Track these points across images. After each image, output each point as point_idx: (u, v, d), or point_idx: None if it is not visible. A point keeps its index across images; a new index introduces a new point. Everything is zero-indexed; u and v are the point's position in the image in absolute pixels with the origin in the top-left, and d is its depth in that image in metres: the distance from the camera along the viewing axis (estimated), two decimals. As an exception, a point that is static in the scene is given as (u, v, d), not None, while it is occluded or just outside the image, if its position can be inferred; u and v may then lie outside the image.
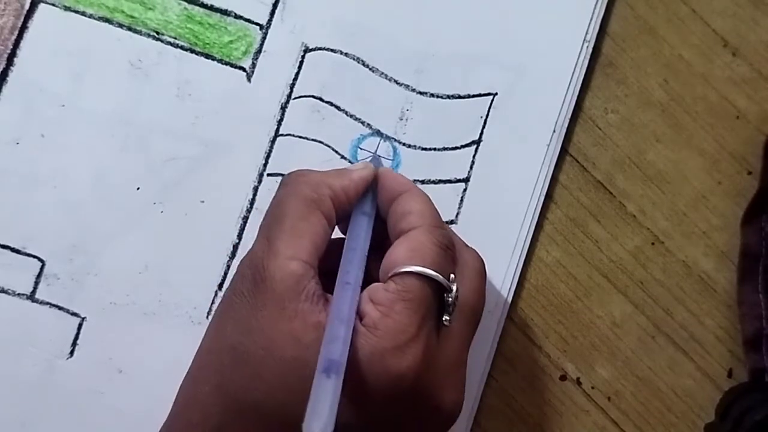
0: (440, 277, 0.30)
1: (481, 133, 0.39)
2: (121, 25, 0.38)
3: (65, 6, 0.38)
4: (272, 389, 0.29)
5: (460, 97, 0.39)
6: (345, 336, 0.28)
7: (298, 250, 0.30)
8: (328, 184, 0.32)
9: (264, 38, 0.39)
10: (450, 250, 0.32)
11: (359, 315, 0.30)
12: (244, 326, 0.30)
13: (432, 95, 0.39)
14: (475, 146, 0.39)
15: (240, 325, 0.30)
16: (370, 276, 0.32)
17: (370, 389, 0.29)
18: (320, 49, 0.39)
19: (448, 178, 0.39)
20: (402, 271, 0.30)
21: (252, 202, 0.38)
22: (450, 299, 0.31)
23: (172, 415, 0.32)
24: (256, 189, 0.38)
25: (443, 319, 0.31)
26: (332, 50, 0.39)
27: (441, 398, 0.31)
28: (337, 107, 0.39)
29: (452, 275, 0.31)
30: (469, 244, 0.34)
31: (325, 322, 0.29)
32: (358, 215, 0.33)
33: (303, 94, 0.39)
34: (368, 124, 0.39)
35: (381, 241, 0.33)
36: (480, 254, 0.34)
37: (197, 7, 0.39)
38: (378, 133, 0.39)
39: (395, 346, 0.29)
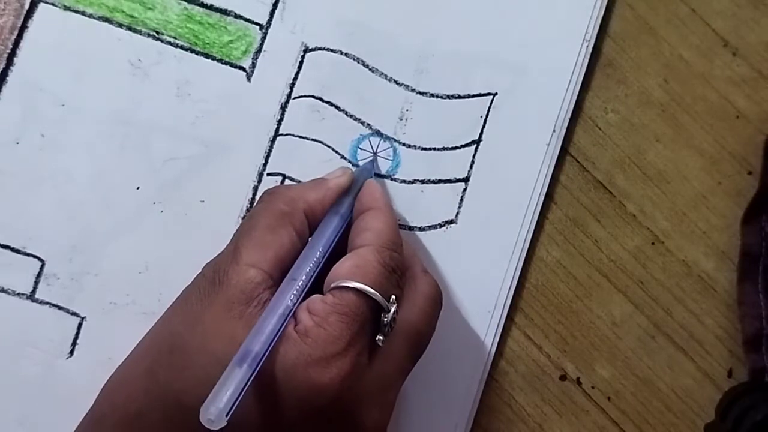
0: (378, 296, 0.30)
1: (481, 133, 0.39)
2: (121, 25, 0.38)
3: (65, 6, 0.38)
4: (197, 383, 0.29)
5: (460, 97, 0.39)
6: (271, 330, 0.28)
7: (259, 259, 0.31)
8: (304, 198, 0.33)
9: (264, 38, 0.39)
10: (395, 273, 0.32)
11: (295, 321, 0.30)
12: (189, 319, 0.30)
13: (432, 95, 0.39)
14: (475, 146, 0.39)
15: (186, 317, 0.31)
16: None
17: (285, 395, 0.29)
18: (320, 49, 0.39)
19: (448, 178, 0.39)
20: (342, 285, 0.30)
21: (252, 202, 0.38)
22: (386, 320, 0.31)
23: (101, 395, 0.32)
24: (255, 189, 0.38)
25: (377, 338, 0.31)
26: (332, 50, 0.39)
27: (361, 418, 0.30)
28: (337, 107, 0.39)
29: (393, 297, 0.31)
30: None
31: None
32: (330, 214, 0.34)
33: (303, 94, 0.39)
34: (368, 124, 0.39)
35: (344, 250, 0.33)
36: (437, 283, 0.34)
37: (197, 7, 0.39)
38: (378, 133, 0.39)
39: (322, 357, 0.29)
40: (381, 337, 0.31)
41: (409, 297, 0.33)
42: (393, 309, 0.31)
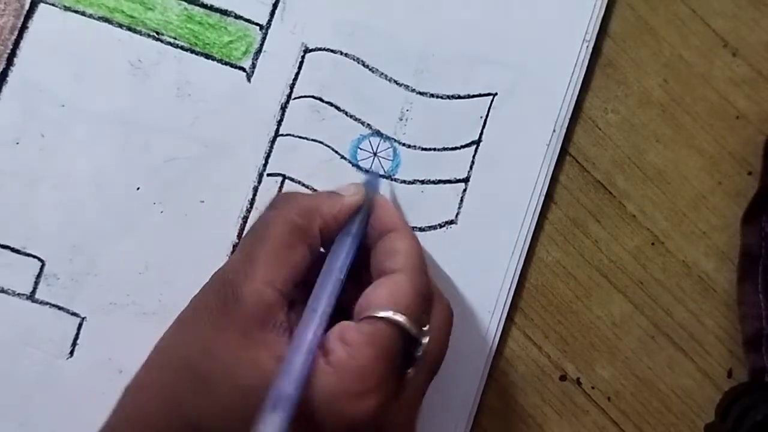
0: (414, 331, 0.30)
1: (481, 133, 0.39)
2: (121, 25, 0.38)
3: (65, 6, 0.38)
4: (225, 415, 0.28)
5: (460, 97, 0.39)
6: (300, 369, 0.28)
7: (275, 277, 0.30)
8: (319, 212, 0.32)
9: (264, 38, 0.39)
10: (428, 300, 0.31)
11: (326, 350, 0.29)
12: (204, 343, 0.29)
13: (432, 95, 0.39)
14: (475, 146, 0.39)
15: (200, 341, 0.30)
16: (346, 298, 0.31)
17: (322, 428, 0.28)
18: (320, 49, 0.39)
19: (448, 178, 0.39)
20: (377, 315, 0.29)
21: (252, 202, 0.38)
22: (418, 354, 0.30)
23: (116, 416, 0.31)
24: (255, 189, 0.38)
25: (407, 371, 0.30)
26: (332, 50, 0.39)
27: None
28: (337, 107, 0.39)
29: (425, 327, 0.31)
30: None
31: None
32: (343, 236, 0.33)
33: (303, 94, 0.39)
34: (368, 124, 0.39)
35: (363, 267, 0.33)
36: (449, 304, 0.33)
37: (197, 7, 0.39)
38: (378, 133, 0.39)
39: (357, 392, 0.28)
40: (411, 370, 0.30)
41: (431, 323, 0.32)
42: (425, 341, 0.30)
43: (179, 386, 0.29)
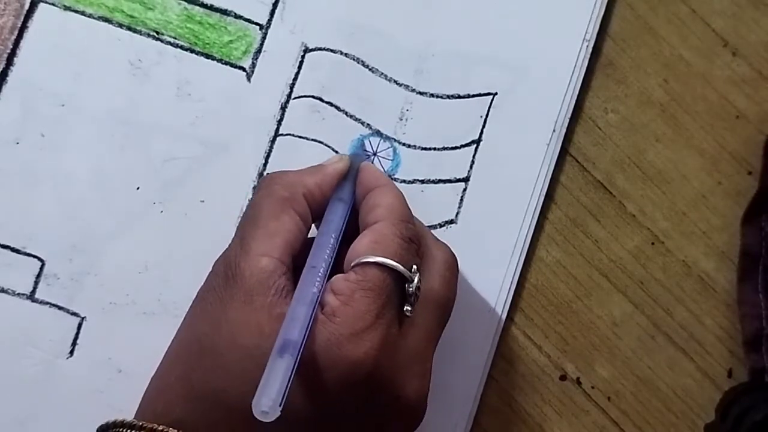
0: (400, 267, 0.31)
1: (481, 133, 0.39)
2: (120, 25, 0.38)
3: (65, 6, 0.38)
4: (233, 378, 0.29)
5: (460, 97, 0.39)
6: (304, 317, 0.29)
7: (269, 247, 0.31)
8: (302, 183, 0.33)
9: (264, 38, 0.39)
10: (414, 243, 0.32)
11: (321, 305, 0.30)
12: (212, 318, 0.31)
13: (432, 95, 0.39)
14: (475, 146, 0.39)
15: (209, 317, 0.31)
16: (342, 262, 0.32)
17: (326, 375, 0.29)
18: (320, 49, 0.39)
19: (448, 178, 0.39)
20: (363, 261, 0.31)
21: (252, 202, 0.38)
22: (411, 289, 0.31)
23: (141, 407, 0.32)
24: (255, 189, 0.38)
25: (404, 309, 0.31)
26: (332, 50, 0.39)
27: (402, 387, 0.31)
28: (337, 107, 0.39)
29: (414, 267, 0.31)
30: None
31: None
32: (335, 201, 0.34)
33: (303, 94, 0.39)
34: (368, 124, 0.39)
35: (355, 234, 0.33)
36: (450, 248, 0.34)
37: (197, 7, 0.39)
38: (378, 133, 0.39)
39: (352, 333, 0.29)
40: (408, 308, 0.31)
41: (428, 265, 0.33)
42: (416, 278, 0.31)
43: (191, 361, 0.31)
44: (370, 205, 0.33)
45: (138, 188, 0.38)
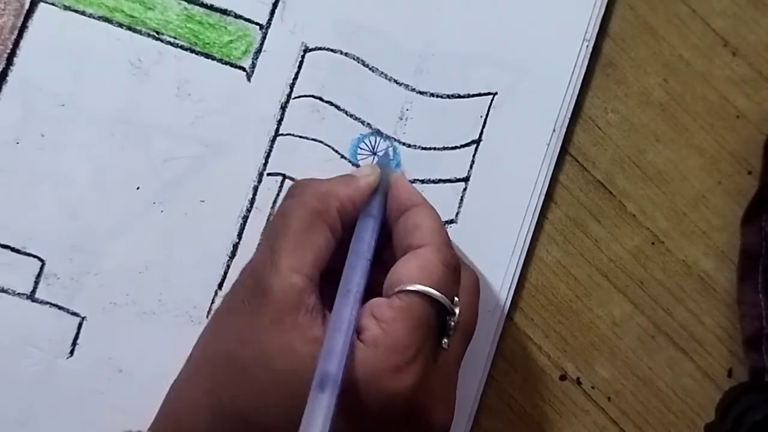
0: (446, 301, 0.30)
1: (481, 133, 0.39)
2: (121, 25, 0.38)
3: (65, 5, 0.38)
4: (264, 400, 0.29)
5: (460, 96, 0.39)
6: (342, 349, 0.28)
7: (300, 263, 0.30)
8: (336, 195, 0.32)
9: (264, 38, 0.39)
10: (456, 271, 0.32)
11: (359, 329, 0.30)
12: (240, 335, 0.30)
13: (432, 95, 0.39)
14: (475, 146, 0.39)
15: (236, 333, 0.30)
16: (373, 281, 0.32)
17: (364, 406, 0.29)
18: (320, 49, 0.39)
19: (448, 178, 0.39)
20: (408, 289, 0.30)
21: (252, 201, 0.38)
22: (452, 323, 0.31)
23: (163, 415, 0.32)
24: (256, 189, 0.38)
25: (443, 342, 0.31)
26: (332, 50, 0.39)
27: (433, 417, 0.31)
28: (337, 107, 0.39)
29: (456, 299, 0.31)
30: (466, 254, 0.34)
31: (322, 337, 0.29)
32: (365, 217, 0.33)
33: (303, 94, 0.39)
34: (368, 124, 0.39)
35: (383, 247, 0.33)
36: (474, 272, 0.34)
37: (197, 7, 0.39)
38: (378, 132, 0.39)
39: (394, 366, 0.29)
40: (446, 341, 0.31)
41: (461, 291, 0.32)
42: (457, 311, 0.31)
43: (218, 377, 0.30)
44: (410, 226, 0.32)
45: (138, 188, 0.38)
